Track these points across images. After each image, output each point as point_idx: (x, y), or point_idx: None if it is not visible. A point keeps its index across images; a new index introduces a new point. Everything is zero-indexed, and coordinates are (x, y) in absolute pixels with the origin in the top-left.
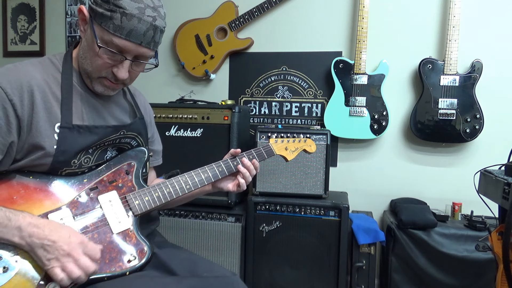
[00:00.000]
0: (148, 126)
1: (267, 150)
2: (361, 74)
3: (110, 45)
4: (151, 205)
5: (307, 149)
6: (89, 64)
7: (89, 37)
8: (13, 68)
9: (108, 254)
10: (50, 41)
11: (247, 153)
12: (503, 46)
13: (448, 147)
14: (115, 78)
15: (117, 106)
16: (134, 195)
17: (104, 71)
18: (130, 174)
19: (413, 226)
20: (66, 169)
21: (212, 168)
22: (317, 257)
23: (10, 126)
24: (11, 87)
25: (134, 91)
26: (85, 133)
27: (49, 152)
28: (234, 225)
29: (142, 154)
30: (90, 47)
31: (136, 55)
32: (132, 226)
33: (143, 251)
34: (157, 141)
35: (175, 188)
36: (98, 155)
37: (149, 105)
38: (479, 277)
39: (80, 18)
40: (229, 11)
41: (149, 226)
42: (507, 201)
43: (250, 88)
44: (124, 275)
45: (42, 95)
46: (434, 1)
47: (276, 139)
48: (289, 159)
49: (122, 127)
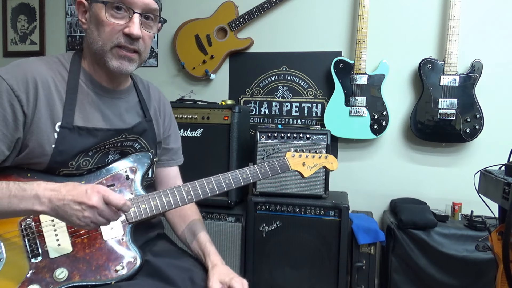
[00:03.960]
0: (160, 123)
1: (282, 165)
2: (361, 74)
3: (117, 4)
4: (147, 214)
5: (327, 166)
6: (99, 39)
7: (94, 15)
8: (20, 64)
9: (95, 261)
10: (50, 41)
11: (259, 166)
12: (503, 46)
13: (448, 147)
14: (129, 38)
15: (125, 106)
16: (131, 201)
17: (115, 36)
18: (130, 180)
19: (413, 226)
20: (63, 169)
21: (218, 179)
22: (317, 257)
23: (17, 123)
24: (17, 83)
25: (148, 88)
26: (85, 135)
27: (47, 151)
28: (234, 225)
29: (145, 159)
30: (98, 22)
31: (143, 10)
32: (125, 233)
33: (132, 261)
34: (173, 139)
35: (175, 198)
36: (99, 158)
37: (167, 101)
38: (479, 277)
39: (80, 11)
40: (229, 11)
41: (149, 232)
42: (507, 201)
43: (250, 88)
44: (109, 284)
45: (46, 92)
46: (434, 1)
47: (294, 153)
48: (305, 175)
49: (124, 131)
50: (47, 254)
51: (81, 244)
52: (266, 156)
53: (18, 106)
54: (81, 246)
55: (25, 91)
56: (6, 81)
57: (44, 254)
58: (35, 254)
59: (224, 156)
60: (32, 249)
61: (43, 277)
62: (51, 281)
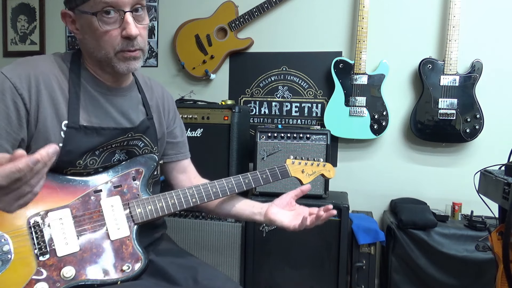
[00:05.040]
0: (164, 119)
1: (282, 171)
2: (361, 74)
3: (102, 8)
4: (153, 215)
5: (325, 174)
6: (101, 47)
7: (86, 25)
8: (23, 62)
9: (102, 260)
10: (50, 41)
11: (261, 172)
12: (503, 46)
13: (448, 147)
14: (129, 40)
15: (129, 104)
16: (138, 202)
17: (115, 42)
18: (137, 180)
19: (413, 226)
20: (71, 168)
21: (222, 184)
22: (317, 257)
23: (21, 121)
24: (20, 81)
25: (151, 84)
26: (92, 134)
27: None
28: (234, 225)
29: (151, 161)
30: (92, 32)
31: (131, 6)
32: (131, 234)
33: (138, 261)
34: (179, 132)
35: (180, 200)
36: (105, 157)
37: (170, 96)
38: (479, 277)
39: (68, 22)
40: (229, 11)
41: (154, 233)
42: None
43: (250, 88)
44: (115, 283)
45: (50, 90)
46: (434, 1)
47: (293, 160)
48: (304, 182)
49: (130, 130)
50: (54, 252)
51: (88, 244)
52: (266, 156)
53: (21, 104)
54: (88, 245)
55: (28, 89)
56: (10, 79)
57: (52, 252)
58: (43, 252)
59: (224, 156)
60: (40, 247)
61: (51, 275)
62: (58, 279)
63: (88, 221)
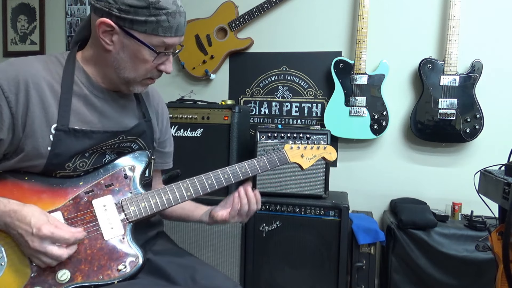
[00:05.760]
0: (157, 126)
1: (280, 157)
2: (361, 74)
3: (159, 48)
4: (147, 212)
5: (326, 157)
6: (133, 72)
7: (130, 47)
8: (14, 63)
9: (97, 261)
10: (50, 41)
11: (258, 159)
12: (503, 46)
13: (448, 147)
14: (161, 73)
15: (124, 106)
16: (131, 200)
17: (150, 71)
18: (128, 178)
19: (413, 226)
20: (60, 171)
21: (217, 175)
22: (317, 257)
23: (2, 124)
24: (8, 83)
25: (150, 90)
26: (81, 137)
27: (42, 153)
28: (234, 225)
29: (144, 158)
30: (134, 56)
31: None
32: (126, 232)
33: (134, 259)
34: (168, 143)
35: (174, 195)
36: (95, 159)
37: (165, 105)
38: (479, 277)
39: (102, 31)
40: (229, 11)
41: (149, 231)
42: (507, 201)
43: (250, 88)
44: (112, 283)
45: (39, 93)
46: (434, 1)
47: (292, 145)
48: (304, 167)
49: (121, 133)
50: None
51: (82, 245)
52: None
53: (6, 107)
54: (82, 247)
55: (15, 92)
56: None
57: None
58: None
59: (224, 156)
60: None
61: (46, 279)
62: (53, 283)
63: (81, 222)
